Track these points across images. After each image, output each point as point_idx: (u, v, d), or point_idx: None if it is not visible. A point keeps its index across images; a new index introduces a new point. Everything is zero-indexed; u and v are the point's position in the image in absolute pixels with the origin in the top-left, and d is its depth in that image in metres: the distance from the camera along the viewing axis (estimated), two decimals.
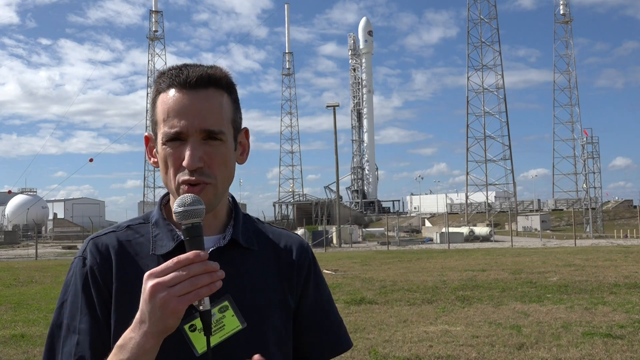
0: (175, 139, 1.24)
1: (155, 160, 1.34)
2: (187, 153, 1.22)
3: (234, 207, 1.43)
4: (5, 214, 77.07)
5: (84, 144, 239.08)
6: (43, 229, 69.67)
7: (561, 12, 76.76)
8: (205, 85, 1.26)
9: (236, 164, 1.35)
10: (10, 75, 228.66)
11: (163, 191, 1.47)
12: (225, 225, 1.39)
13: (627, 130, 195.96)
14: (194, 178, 1.24)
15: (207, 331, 1.15)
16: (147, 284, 1.09)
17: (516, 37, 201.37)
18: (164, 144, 1.26)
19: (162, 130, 1.26)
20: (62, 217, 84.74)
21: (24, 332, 9.33)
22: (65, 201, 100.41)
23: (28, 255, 35.34)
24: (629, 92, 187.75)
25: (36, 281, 17.85)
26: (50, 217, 78.13)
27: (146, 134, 1.37)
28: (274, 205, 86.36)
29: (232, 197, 1.43)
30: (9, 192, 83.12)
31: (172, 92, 1.26)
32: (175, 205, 1.17)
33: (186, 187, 1.24)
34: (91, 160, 77.83)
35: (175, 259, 1.09)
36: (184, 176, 1.25)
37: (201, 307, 1.13)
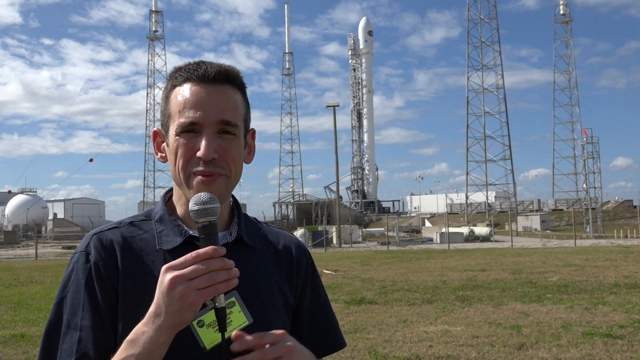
0: (190, 131, 1.25)
1: (163, 155, 1.35)
2: (203, 143, 1.23)
3: (236, 206, 1.44)
4: (5, 214, 77.01)
5: (85, 144, 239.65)
6: (43, 229, 69.61)
7: (561, 12, 76.79)
8: (222, 80, 1.28)
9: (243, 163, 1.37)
10: (12, 75, 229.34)
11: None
12: (228, 223, 1.40)
13: (629, 130, 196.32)
14: (208, 170, 1.24)
15: (222, 328, 1.16)
16: (166, 276, 1.09)
17: (518, 37, 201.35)
18: (177, 134, 1.26)
19: (177, 122, 1.26)
20: (62, 217, 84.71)
21: (24, 332, 9.34)
22: (65, 201, 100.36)
23: (28, 255, 35.32)
24: (630, 92, 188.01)
25: (36, 281, 17.84)
26: (50, 217, 78.11)
27: (155, 128, 1.38)
28: (274, 205, 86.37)
29: (233, 197, 1.44)
30: (9, 192, 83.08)
31: (189, 85, 1.27)
32: (191, 203, 1.16)
33: (200, 177, 1.25)
34: (91, 160, 77.87)
35: (194, 253, 1.10)
36: (196, 167, 1.25)
37: (217, 304, 1.14)
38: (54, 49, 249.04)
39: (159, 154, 1.37)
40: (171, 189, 1.42)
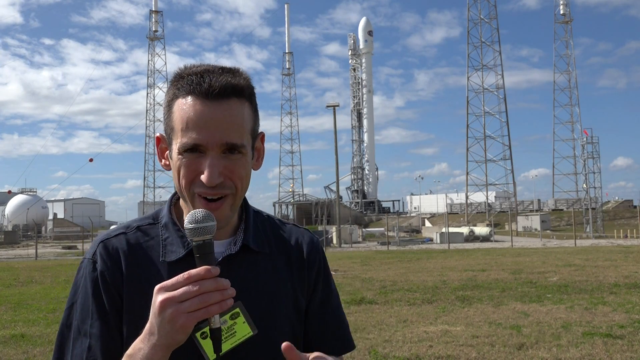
0: (194, 150, 1.20)
1: (167, 163, 1.31)
2: (207, 170, 1.19)
3: (245, 208, 1.41)
4: (5, 214, 77.00)
5: (85, 144, 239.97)
6: (43, 229, 69.58)
7: (561, 12, 76.79)
8: (228, 95, 1.21)
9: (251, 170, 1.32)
10: (13, 75, 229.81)
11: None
12: (236, 228, 1.37)
13: (629, 130, 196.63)
14: (212, 191, 1.21)
15: (217, 349, 1.14)
16: (157, 297, 1.08)
17: (518, 37, 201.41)
18: (180, 154, 1.21)
19: (180, 141, 1.21)
20: (62, 217, 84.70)
21: (24, 332, 9.33)
22: (65, 201, 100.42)
23: (28, 255, 35.30)
24: (631, 92, 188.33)
25: (36, 281, 17.83)
26: (50, 217, 78.06)
27: (158, 134, 1.33)
28: (274, 205, 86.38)
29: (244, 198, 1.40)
30: (9, 192, 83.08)
31: (191, 100, 1.20)
32: (186, 221, 1.14)
33: (203, 201, 1.22)
34: (91, 160, 77.63)
35: (186, 274, 1.07)
36: (201, 188, 1.21)
37: (211, 325, 1.12)
38: (54, 49, 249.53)
39: (163, 160, 1.33)
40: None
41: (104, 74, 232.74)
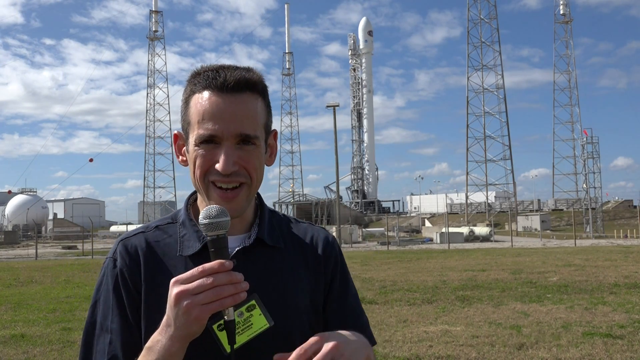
0: (209, 142, 1.25)
1: (184, 159, 1.36)
2: (222, 158, 1.23)
3: (260, 205, 1.44)
4: (5, 214, 77.02)
5: (86, 144, 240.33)
6: (43, 229, 69.58)
7: (561, 12, 76.75)
8: (242, 89, 1.27)
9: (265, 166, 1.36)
10: (14, 75, 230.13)
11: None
12: (251, 223, 1.40)
13: (629, 130, 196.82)
14: (226, 179, 1.25)
15: (231, 340, 1.17)
16: (173, 290, 1.11)
17: (519, 37, 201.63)
18: (196, 145, 1.26)
19: (196, 132, 1.26)
20: (62, 217, 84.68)
21: (24, 332, 9.33)
22: (65, 201, 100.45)
23: (28, 255, 35.32)
24: (631, 92, 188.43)
25: (36, 281, 17.85)
26: (50, 217, 78.05)
27: (176, 132, 1.39)
28: (274, 205, 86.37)
29: (258, 194, 1.43)
30: (9, 192, 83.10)
31: (208, 94, 1.26)
32: (200, 217, 1.17)
33: (221, 193, 1.26)
34: (91, 160, 77.70)
35: (200, 268, 1.11)
36: (215, 176, 1.26)
37: (225, 317, 1.15)
38: (55, 49, 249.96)
39: (180, 157, 1.38)
40: (195, 192, 1.42)
41: (105, 74, 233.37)
